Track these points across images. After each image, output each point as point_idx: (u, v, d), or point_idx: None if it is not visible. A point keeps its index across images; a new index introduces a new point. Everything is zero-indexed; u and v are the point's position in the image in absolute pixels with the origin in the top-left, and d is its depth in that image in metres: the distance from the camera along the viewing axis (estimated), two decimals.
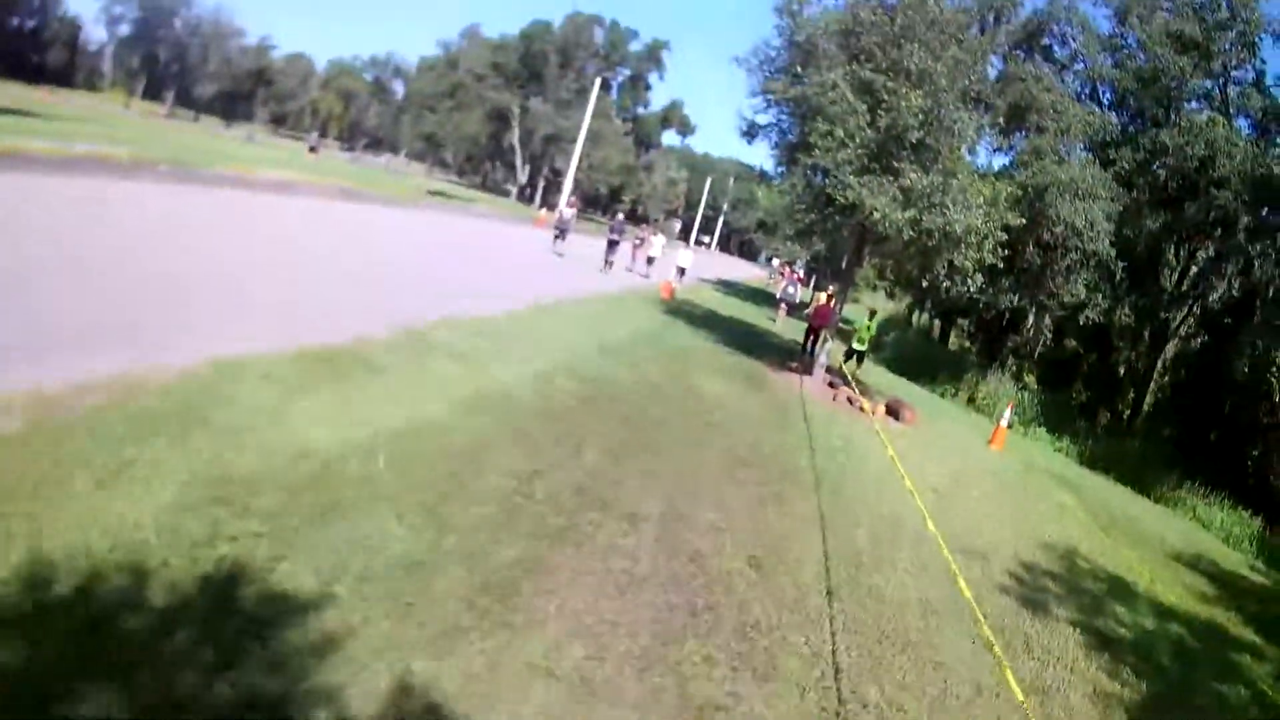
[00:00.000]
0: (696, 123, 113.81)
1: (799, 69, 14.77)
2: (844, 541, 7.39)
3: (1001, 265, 16.86)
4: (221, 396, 5.77)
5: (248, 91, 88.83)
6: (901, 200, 13.54)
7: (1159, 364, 30.63)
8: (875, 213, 13.21)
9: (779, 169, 16.58)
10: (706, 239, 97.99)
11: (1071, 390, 33.35)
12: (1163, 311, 28.90)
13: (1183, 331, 30.08)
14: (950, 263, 14.66)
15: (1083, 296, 27.02)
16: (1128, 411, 31.50)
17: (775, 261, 56.93)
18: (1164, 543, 13.40)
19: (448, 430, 6.81)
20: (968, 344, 40.54)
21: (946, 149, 13.96)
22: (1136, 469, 21.81)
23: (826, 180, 14.15)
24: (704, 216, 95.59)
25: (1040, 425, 25.43)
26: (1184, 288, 29.33)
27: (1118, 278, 27.66)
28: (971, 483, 12.27)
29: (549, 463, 6.96)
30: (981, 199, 13.92)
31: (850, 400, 15.00)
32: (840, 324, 21.54)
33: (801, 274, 37.91)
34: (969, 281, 15.40)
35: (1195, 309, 28.97)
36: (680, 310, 21.35)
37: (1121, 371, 33.50)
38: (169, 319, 7.30)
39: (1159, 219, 27.74)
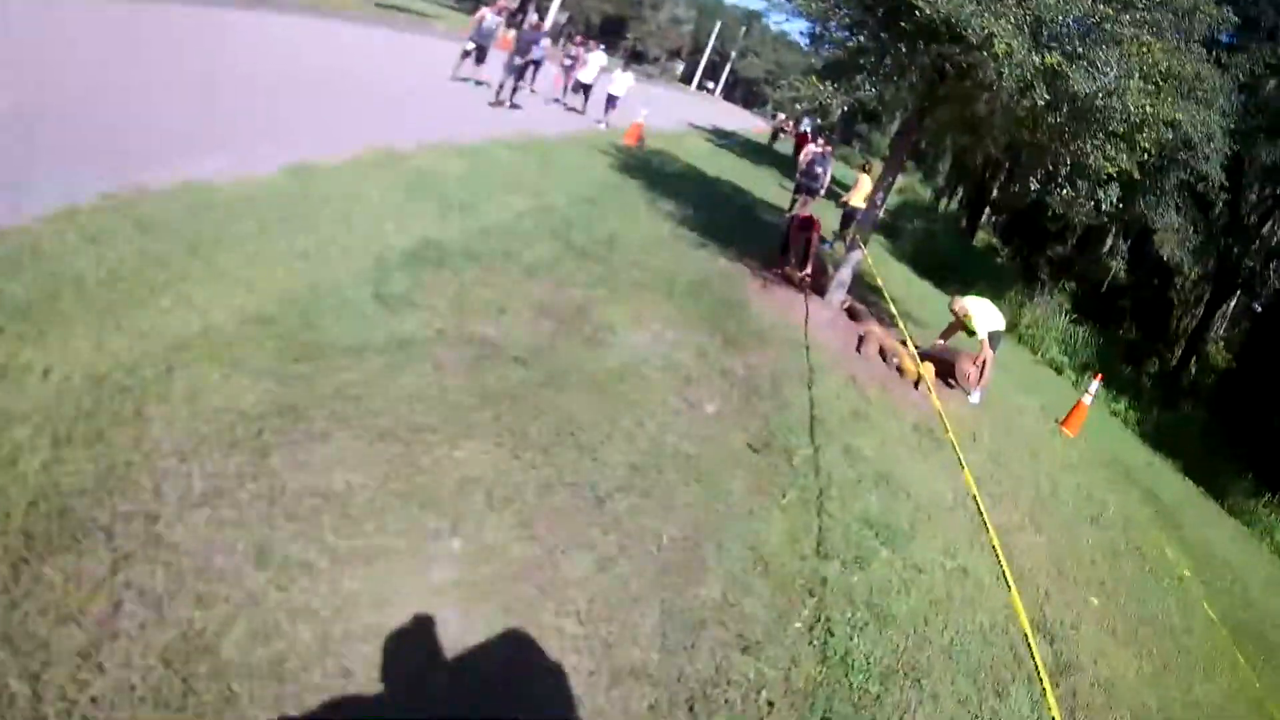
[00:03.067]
0: None
1: None
2: None
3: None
4: None
5: None
6: (1029, 36, 7.27)
7: (1220, 316, 25.28)
8: (994, 42, 6.91)
9: None
10: (711, 84, 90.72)
11: (1119, 327, 27.53)
12: (1247, 260, 22.92)
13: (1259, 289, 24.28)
14: (1074, 157, 8.49)
15: (1175, 225, 20.88)
16: (1174, 361, 26.16)
17: (779, 115, 48.47)
18: None
19: None
20: (998, 243, 34.32)
21: None
22: (1201, 458, 16.51)
23: None
24: (710, 62, 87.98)
25: (1093, 374, 19.76)
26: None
27: (1216, 210, 21.55)
28: (1081, 559, 6.64)
29: None
30: (1150, 69, 7.65)
31: (884, 353, 9.01)
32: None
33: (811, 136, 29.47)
34: (1100, 192, 9.02)
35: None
36: (644, 166, 14.80)
37: (1177, 317, 27.92)
38: None
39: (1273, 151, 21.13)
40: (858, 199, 15.40)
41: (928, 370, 9.06)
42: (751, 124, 52.14)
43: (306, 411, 3.85)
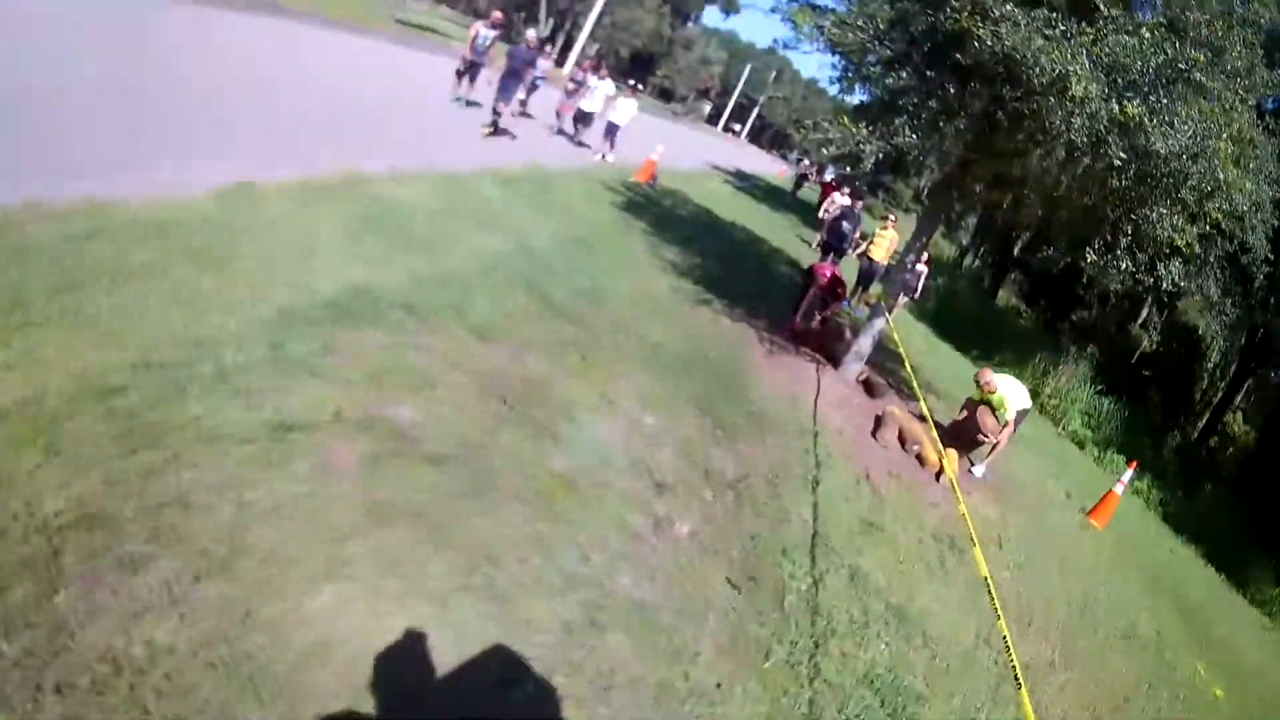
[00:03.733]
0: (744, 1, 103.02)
1: None
2: None
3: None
4: None
5: None
6: (1103, 80, 6.26)
7: (1242, 391, 24.17)
8: (1071, 84, 5.90)
9: None
10: (737, 126, 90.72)
11: (1140, 397, 26.18)
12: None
13: None
14: (1137, 227, 7.46)
15: (1215, 297, 19.72)
16: (1195, 434, 25.19)
17: (804, 161, 47.32)
18: None
19: None
20: (1022, 305, 33.09)
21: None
22: (1224, 544, 15.27)
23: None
24: (737, 104, 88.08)
25: (1116, 451, 18.52)
26: None
27: (1255, 283, 20.40)
28: (1115, 697, 5.60)
29: None
30: (1239, 132, 6.73)
31: (903, 438, 7.88)
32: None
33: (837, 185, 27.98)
34: (1162, 267, 7.87)
35: None
36: (651, 207, 13.81)
37: (1201, 389, 26.75)
38: None
39: None
40: (878, 253, 14.33)
41: (950, 460, 7.96)
42: (775, 169, 51.38)
43: (126, 526, 2.80)
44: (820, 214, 20.20)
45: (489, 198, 9.02)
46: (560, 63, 39.81)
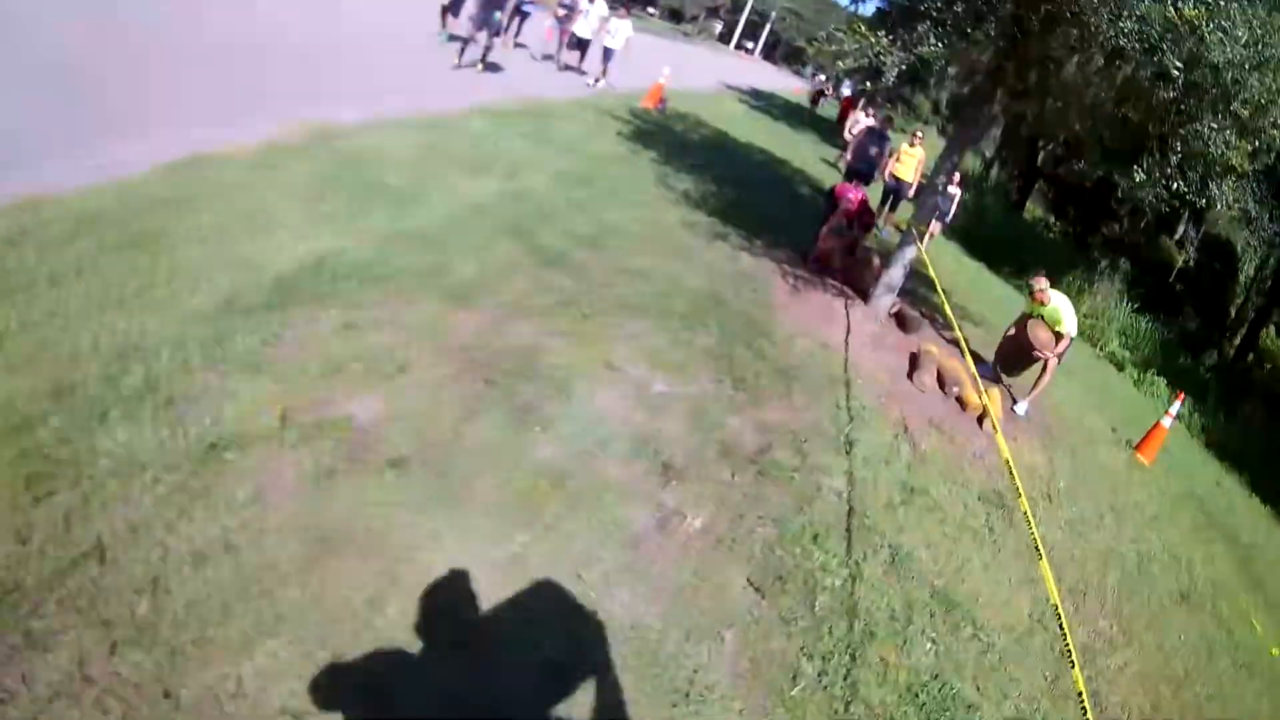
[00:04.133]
0: None
1: None
2: None
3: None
4: None
5: None
6: None
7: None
8: None
9: None
10: (750, 44, 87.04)
11: (1176, 314, 25.11)
12: None
13: None
14: (1186, 143, 6.63)
15: (1253, 212, 18.68)
16: (1232, 352, 24.38)
17: (819, 76, 45.21)
18: None
19: None
20: (1050, 218, 31.73)
21: None
22: (1269, 468, 14.56)
23: None
24: (749, 22, 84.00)
25: (1157, 373, 17.71)
26: None
27: None
28: (1174, 671, 5.16)
29: None
30: None
31: (942, 379, 7.24)
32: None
33: (855, 102, 26.16)
34: (1214, 186, 7.07)
35: None
36: (661, 134, 12.90)
37: (1238, 305, 25.68)
38: None
39: None
40: (905, 172, 13.37)
41: (994, 402, 7.34)
42: (791, 85, 49.37)
43: (33, 593, 2.30)
44: (845, 135, 19.05)
45: (479, 137, 8.27)
46: None
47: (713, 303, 6.38)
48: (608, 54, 15.85)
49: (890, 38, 6.70)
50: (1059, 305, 7.71)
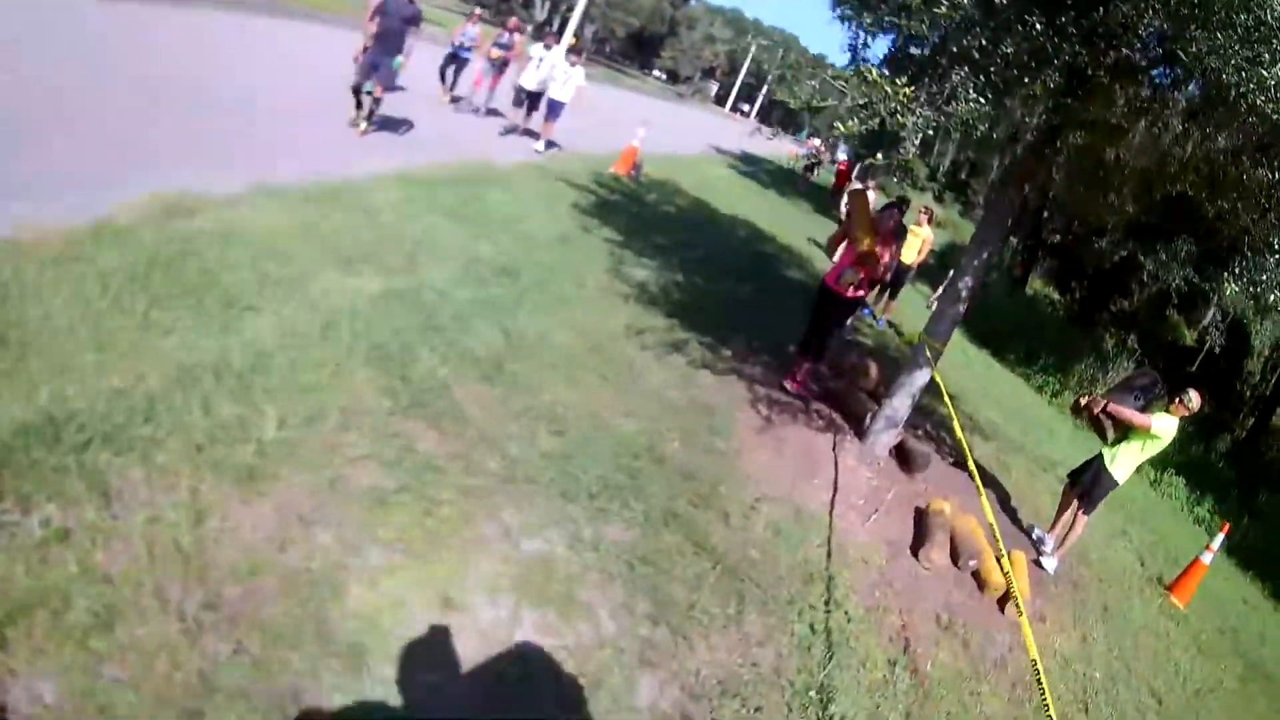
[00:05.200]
0: None
1: None
2: None
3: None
4: None
5: None
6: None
7: None
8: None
9: None
10: (746, 107, 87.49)
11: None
12: None
13: None
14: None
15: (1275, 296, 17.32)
16: (1243, 435, 23.52)
17: (815, 141, 43.66)
18: None
19: None
20: (1053, 293, 30.34)
21: None
22: None
23: None
24: (745, 84, 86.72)
25: (1175, 472, 16.01)
26: None
27: None
28: None
29: None
30: None
31: (955, 547, 5.52)
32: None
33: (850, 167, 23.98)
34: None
35: None
36: (628, 206, 11.33)
37: (1251, 385, 24.54)
38: None
39: None
40: (908, 254, 11.82)
41: (1019, 571, 5.68)
42: (786, 150, 48.54)
43: None
44: (840, 208, 17.42)
45: (379, 213, 6.58)
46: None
47: (646, 460, 4.62)
48: (554, 108, 12.88)
49: (913, 88, 5.03)
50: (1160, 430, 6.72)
